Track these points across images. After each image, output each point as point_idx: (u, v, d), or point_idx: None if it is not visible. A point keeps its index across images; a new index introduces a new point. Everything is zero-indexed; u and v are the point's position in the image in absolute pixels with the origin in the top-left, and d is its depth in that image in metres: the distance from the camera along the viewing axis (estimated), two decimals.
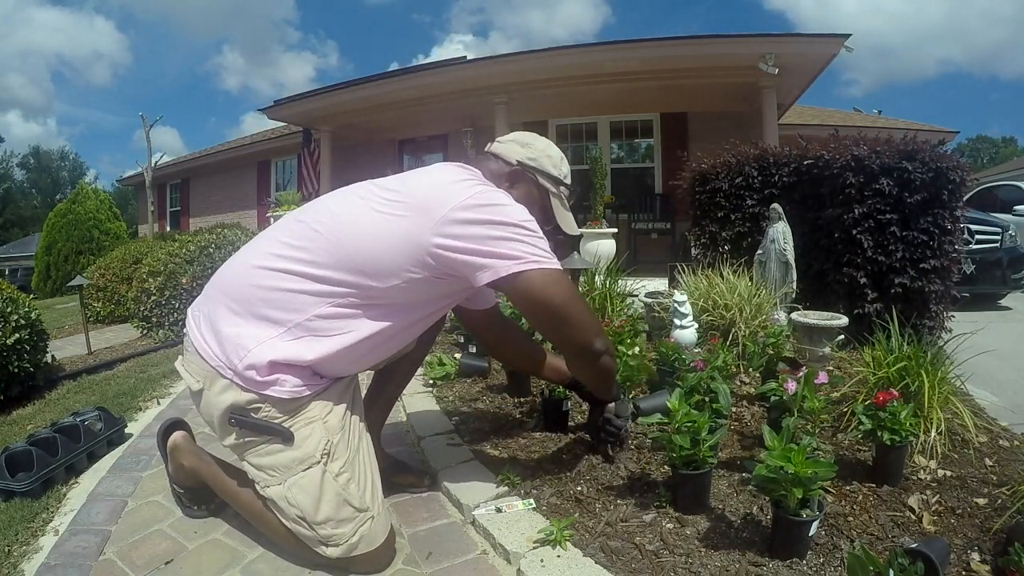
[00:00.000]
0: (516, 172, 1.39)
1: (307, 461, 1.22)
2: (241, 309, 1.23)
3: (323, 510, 1.21)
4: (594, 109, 7.80)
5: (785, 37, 6.14)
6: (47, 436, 1.81)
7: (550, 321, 1.27)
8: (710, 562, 1.19)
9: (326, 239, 1.22)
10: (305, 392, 1.23)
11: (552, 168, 1.41)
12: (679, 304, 2.39)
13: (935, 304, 2.85)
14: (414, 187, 1.25)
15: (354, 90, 7.38)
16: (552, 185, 1.42)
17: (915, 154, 2.81)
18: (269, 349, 1.19)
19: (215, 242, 4.44)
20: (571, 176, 1.48)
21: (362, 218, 1.22)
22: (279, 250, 1.25)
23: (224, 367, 1.21)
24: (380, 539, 1.25)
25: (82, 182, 19.26)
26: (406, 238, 1.18)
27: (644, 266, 4.76)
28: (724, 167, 3.38)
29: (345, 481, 1.23)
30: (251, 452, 1.25)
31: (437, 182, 1.25)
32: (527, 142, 1.43)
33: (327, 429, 1.24)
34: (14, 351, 2.86)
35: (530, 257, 1.18)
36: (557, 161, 1.43)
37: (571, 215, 1.47)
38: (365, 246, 1.19)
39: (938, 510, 1.39)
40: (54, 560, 1.35)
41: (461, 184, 1.23)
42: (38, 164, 41.03)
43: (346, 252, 1.20)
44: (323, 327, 1.21)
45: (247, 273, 1.26)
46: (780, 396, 1.65)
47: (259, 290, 1.22)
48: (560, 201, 1.44)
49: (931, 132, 9.21)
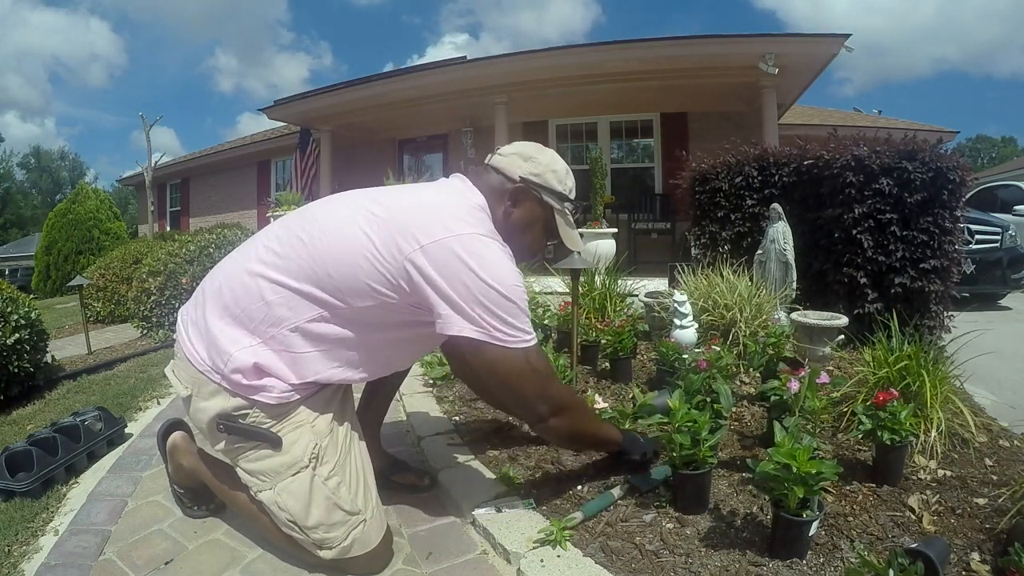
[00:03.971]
0: (519, 190, 1.33)
1: (295, 466, 1.21)
2: (226, 314, 1.23)
3: (313, 514, 1.20)
4: (594, 109, 7.79)
5: (785, 37, 6.14)
6: (47, 436, 1.81)
7: (487, 395, 1.30)
8: (710, 562, 1.19)
9: (307, 250, 1.20)
10: (293, 397, 1.23)
11: (557, 184, 1.35)
12: (679, 304, 2.39)
13: (935, 304, 2.85)
14: (409, 206, 1.22)
15: (354, 90, 7.37)
16: (557, 202, 1.36)
17: (915, 154, 2.80)
18: (251, 354, 1.19)
19: (215, 242, 4.45)
20: (576, 189, 1.43)
21: (344, 230, 1.19)
22: (265, 256, 1.24)
23: (211, 371, 1.21)
24: (374, 541, 1.25)
25: (82, 182, 19.27)
26: (384, 256, 1.15)
27: (644, 266, 4.77)
28: (724, 167, 3.37)
29: (335, 485, 1.23)
30: (242, 457, 1.25)
31: (434, 207, 1.22)
32: (530, 155, 1.36)
33: (315, 433, 1.24)
34: (14, 351, 2.86)
35: (494, 332, 1.15)
36: (563, 176, 1.37)
37: (575, 231, 1.44)
38: (342, 261, 1.17)
39: (938, 510, 1.39)
40: (54, 560, 1.35)
41: (461, 222, 1.18)
42: (38, 164, 41.03)
43: (324, 266, 1.18)
44: (297, 343, 1.20)
45: (233, 278, 1.26)
46: (780, 396, 1.65)
47: (242, 298, 1.22)
48: (565, 218, 1.39)
49: (931, 132, 9.19)
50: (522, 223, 1.34)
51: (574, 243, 1.43)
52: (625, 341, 2.30)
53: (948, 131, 10.38)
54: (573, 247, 1.43)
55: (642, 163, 8.57)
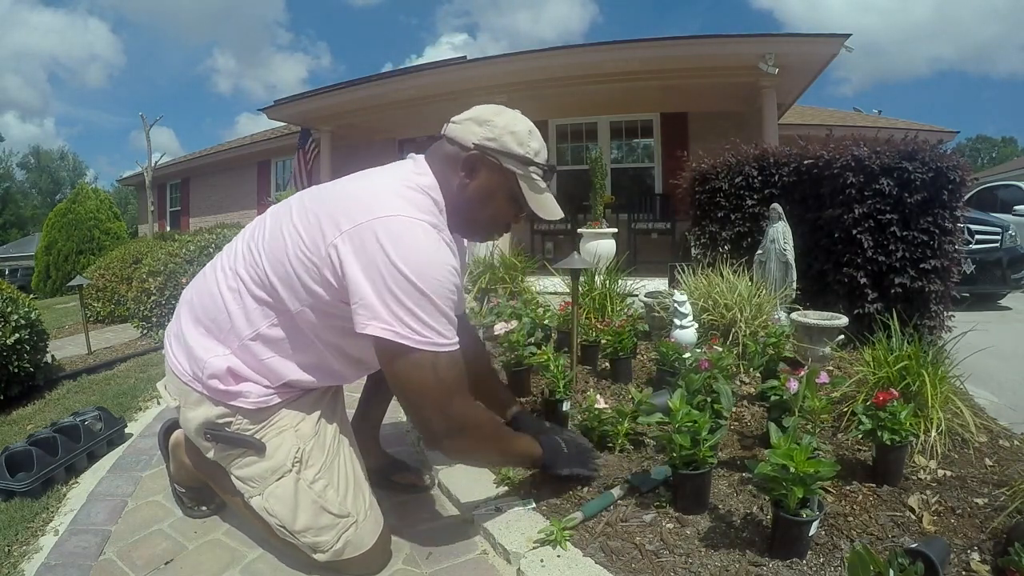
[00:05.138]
0: (473, 157, 1.19)
1: (279, 471, 1.21)
2: (199, 325, 1.25)
3: (300, 519, 1.20)
4: (594, 109, 7.79)
5: (785, 37, 6.13)
6: (47, 436, 1.81)
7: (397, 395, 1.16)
8: (710, 562, 1.19)
9: (253, 256, 1.20)
10: (272, 400, 1.23)
11: (517, 146, 1.20)
12: (679, 304, 2.39)
13: (935, 304, 2.85)
14: (340, 192, 1.17)
15: (354, 90, 7.37)
16: (519, 167, 1.21)
17: (915, 154, 2.80)
18: (224, 360, 1.20)
19: (215, 242, 4.45)
20: (545, 152, 1.25)
21: (278, 229, 1.18)
22: (226, 265, 1.25)
23: (193, 381, 1.23)
24: (367, 543, 1.23)
25: (82, 182, 19.28)
26: (310, 248, 1.10)
27: (644, 266, 4.76)
28: (724, 167, 3.37)
29: (322, 488, 1.22)
30: (232, 464, 1.26)
31: (365, 189, 1.15)
32: (486, 119, 1.20)
33: (298, 437, 1.23)
34: (14, 351, 2.86)
35: (398, 328, 1.04)
36: (524, 137, 1.21)
37: (549, 196, 1.26)
38: (277, 260, 1.15)
39: (938, 510, 1.39)
40: (54, 560, 1.35)
41: (388, 204, 1.09)
42: (38, 164, 41.03)
43: (265, 270, 1.17)
44: (260, 350, 1.20)
45: (202, 290, 1.28)
46: (780, 396, 1.65)
47: (210, 309, 1.24)
48: (530, 183, 1.22)
49: (931, 132, 9.20)
50: (480, 195, 1.21)
51: (546, 211, 1.24)
52: (625, 341, 2.30)
53: (948, 131, 10.38)
54: (546, 215, 1.24)
55: (642, 163, 8.57)
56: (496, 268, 4.13)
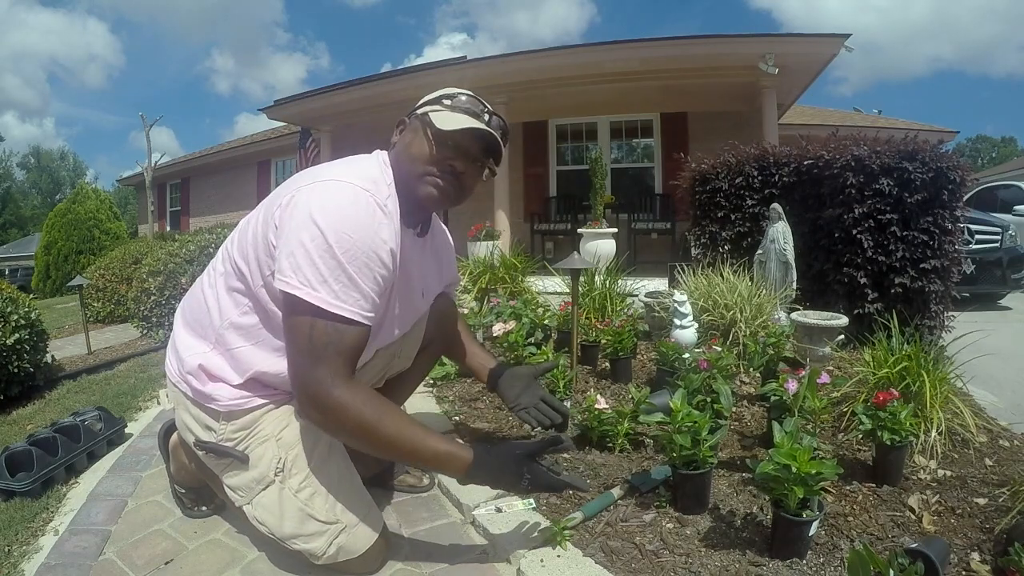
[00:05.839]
0: (401, 121, 1.25)
1: (263, 480, 1.21)
2: (187, 325, 1.30)
3: (286, 527, 1.20)
4: (594, 109, 7.79)
5: (785, 37, 6.14)
6: (47, 436, 1.81)
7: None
8: (710, 562, 1.19)
9: (229, 248, 1.23)
10: (249, 403, 1.22)
11: (428, 98, 1.22)
12: (679, 304, 2.39)
13: (935, 304, 2.85)
14: (301, 173, 1.19)
15: (354, 90, 7.37)
16: (430, 106, 1.19)
17: (915, 154, 2.81)
18: (201, 358, 1.22)
19: (215, 242, 4.44)
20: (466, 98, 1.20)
21: (250, 219, 1.21)
22: (213, 264, 1.30)
23: (180, 381, 1.26)
24: (360, 548, 1.22)
25: (82, 182, 19.25)
26: (261, 225, 1.13)
27: (644, 266, 4.77)
28: (724, 167, 3.38)
29: (308, 496, 1.21)
30: (223, 474, 1.26)
31: (319, 166, 1.18)
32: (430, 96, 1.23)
33: (279, 446, 1.22)
34: (14, 351, 2.86)
35: (294, 276, 1.02)
36: (439, 93, 1.21)
37: (459, 114, 1.16)
38: (244, 242, 1.17)
39: (938, 510, 1.39)
40: (54, 560, 1.35)
41: (328, 174, 1.11)
42: (38, 164, 41.05)
43: (235, 256, 1.19)
44: (232, 339, 1.20)
45: (192, 291, 1.33)
46: (780, 396, 1.65)
47: (194, 307, 1.29)
48: (440, 112, 1.17)
49: (931, 132, 9.21)
50: (404, 144, 1.21)
51: (446, 121, 1.14)
52: (625, 341, 2.30)
53: (948, 131, 10.40)
54: (443, 125, 1.14)
55: (642, 163, 8.57)
56: (496, 268, 4.13)
